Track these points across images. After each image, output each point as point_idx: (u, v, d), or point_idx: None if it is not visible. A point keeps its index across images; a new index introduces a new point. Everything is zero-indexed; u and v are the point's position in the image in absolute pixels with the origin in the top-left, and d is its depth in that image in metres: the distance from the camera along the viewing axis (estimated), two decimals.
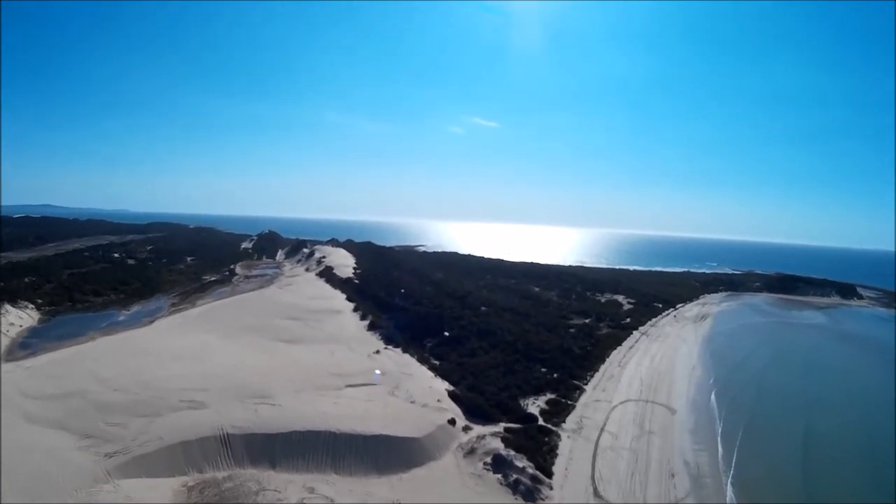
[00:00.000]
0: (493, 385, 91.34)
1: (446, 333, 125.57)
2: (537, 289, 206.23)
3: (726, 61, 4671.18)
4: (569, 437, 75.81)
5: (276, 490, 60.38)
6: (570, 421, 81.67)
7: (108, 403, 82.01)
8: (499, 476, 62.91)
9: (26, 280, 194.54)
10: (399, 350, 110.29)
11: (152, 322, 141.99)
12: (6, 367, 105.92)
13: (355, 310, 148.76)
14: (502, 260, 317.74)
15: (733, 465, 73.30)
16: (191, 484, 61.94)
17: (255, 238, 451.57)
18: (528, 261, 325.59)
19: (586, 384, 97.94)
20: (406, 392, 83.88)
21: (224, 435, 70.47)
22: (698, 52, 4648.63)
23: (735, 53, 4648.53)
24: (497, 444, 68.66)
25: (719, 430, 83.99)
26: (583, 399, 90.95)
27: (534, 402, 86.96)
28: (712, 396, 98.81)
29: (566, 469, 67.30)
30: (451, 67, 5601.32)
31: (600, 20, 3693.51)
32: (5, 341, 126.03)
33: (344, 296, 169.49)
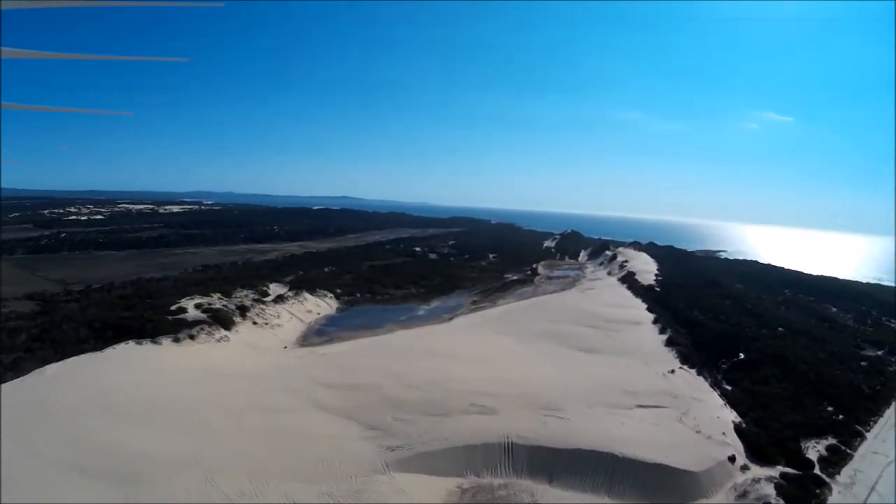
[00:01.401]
0: (779, 421, 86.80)
1: (741, 356, 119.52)
2: (834, 309, 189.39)
3: None
4: (839, 492, 70.99)
5: None
6: (845, 473, 76.17)
7: (398, 399, 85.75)
8: None
9: (326, 270, 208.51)
10: (694, 371, 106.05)
11: (451, 319, 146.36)
12: (300, 351, 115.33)
13: (655, 322, 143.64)
14: (801, 272, 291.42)
15: None
16: (465, 486, 64.62)
17: (557, 237, 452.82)
18: (827, 275, 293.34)
19: (868, 430, 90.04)
20: (693, 420, 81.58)
21: (509, 443, 71.36)
22: None
23: None
24: (769, 491, 66.64)
25: None
26: (861, 449, 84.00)
27: (814, 446, 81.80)
28: None
29: None
30: (742, 58, 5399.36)
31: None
32: (301, 327, 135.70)
33: (644, 305, 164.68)
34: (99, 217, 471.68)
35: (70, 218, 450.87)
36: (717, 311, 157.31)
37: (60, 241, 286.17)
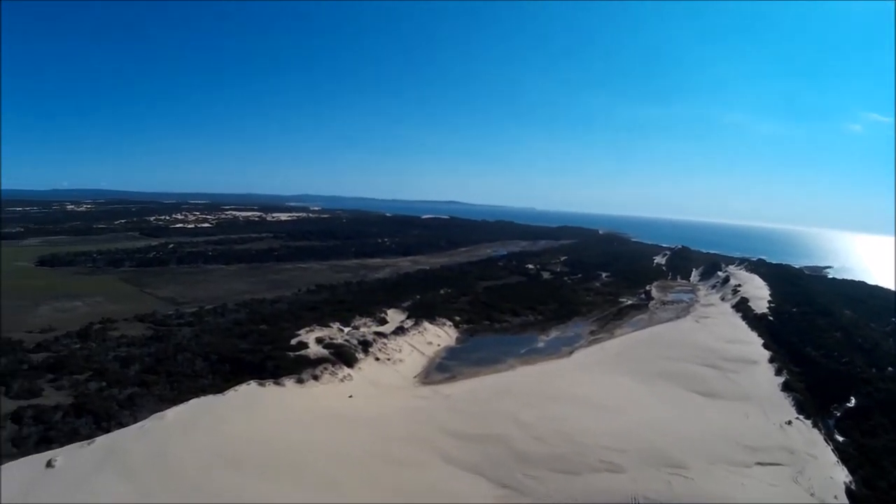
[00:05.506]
0: (886, 479, 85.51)
1: (852, 401, 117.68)
2: None
3: None
4: None
5: None
6: None
7: (527, 453, 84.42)
8: None
9: (441, 292, 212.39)
10: (809, 423, 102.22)
11: (571, 353, 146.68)
12: (424, 391, 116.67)
13: (771, 360, 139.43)
14: None
15: None
16: None
17: (667, 252, 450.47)
18: None
19: None
20: (808, 480, 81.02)
21: None
22: None
23: None
24: None
25: None
26: None
27: None
28: None
29: None
30: (847, 55, 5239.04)
31: None
32: (422, 361, 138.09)
33: (760, 341, 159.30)
34: (206, 225, 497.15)
35: (177, 226, 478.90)
36: (828, 347, 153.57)
37: (168, 254, 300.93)
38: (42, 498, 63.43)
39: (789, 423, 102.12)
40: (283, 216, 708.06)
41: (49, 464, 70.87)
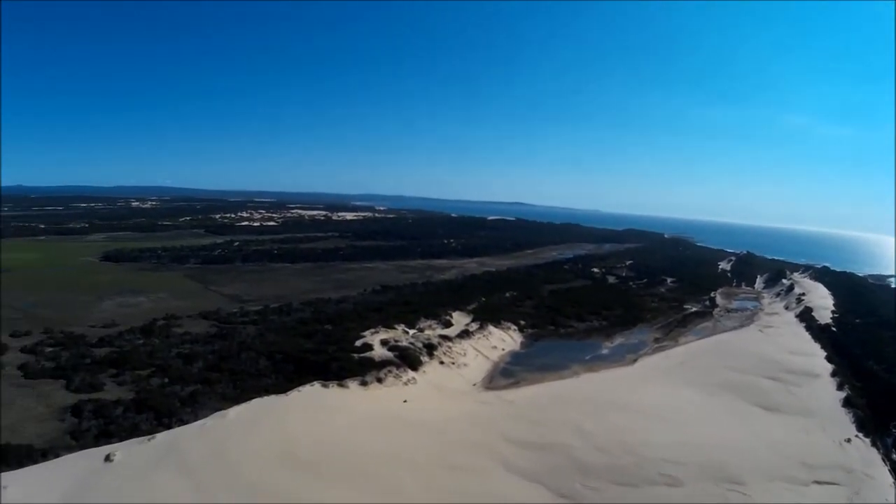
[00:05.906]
0: None
1: None
2: None
3: None
4: None
5: None
6: None
7: (587, 463, 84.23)
8: None
9: (507, 295, 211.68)
10: (868, 441, 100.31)
11: (635, 360, 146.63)
12: (487, 396, 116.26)
13: (833, 374, 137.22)
14: None
15: None
16: None
17: (732, 258, 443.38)
18: None
19: None
20: (864, 502, 79.57)
21: None
22: None
23: None
24: None
25: None
26: None
27: None
28: None
29: None
30: None
31: None
32: (486, 365, 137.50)
33: (823, 353, 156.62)
34: (272, 224, 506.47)
35: (242, 224, 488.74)
36: (891, 360, 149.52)
37: (234, 251, 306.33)
38: (100, 490, 65.09)
39: (848, 440, 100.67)
40: (349, 215, 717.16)
41: (108, 458, 72.87)
